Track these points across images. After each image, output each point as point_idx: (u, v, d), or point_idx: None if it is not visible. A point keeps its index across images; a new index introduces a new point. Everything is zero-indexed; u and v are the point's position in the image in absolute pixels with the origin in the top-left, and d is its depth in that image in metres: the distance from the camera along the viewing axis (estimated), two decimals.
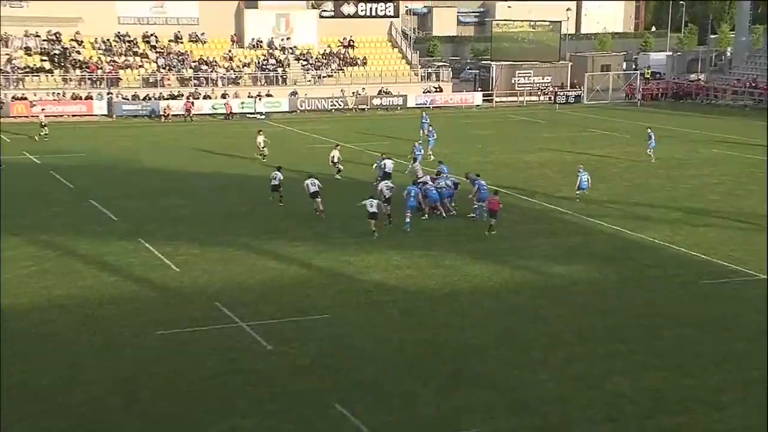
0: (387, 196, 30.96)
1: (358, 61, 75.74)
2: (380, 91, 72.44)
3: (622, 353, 20.11)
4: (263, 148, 44.52)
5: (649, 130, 46.53)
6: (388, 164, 36.16)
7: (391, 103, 71.24)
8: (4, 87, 63.35)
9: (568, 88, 78.43)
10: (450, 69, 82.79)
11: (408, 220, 30.72)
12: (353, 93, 70.97)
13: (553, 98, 76.03)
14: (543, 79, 78.75)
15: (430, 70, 79.73)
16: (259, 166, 42.55)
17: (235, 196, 36.92)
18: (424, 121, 50.83)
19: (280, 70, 72.29)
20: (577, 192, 35.13)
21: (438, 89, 74.74)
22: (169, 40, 72.42)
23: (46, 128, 52.25)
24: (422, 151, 40.80)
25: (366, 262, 27.15)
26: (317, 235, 30.53)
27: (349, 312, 22.78)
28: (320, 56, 75.33)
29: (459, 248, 28.83)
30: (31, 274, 25.50)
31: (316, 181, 32.44)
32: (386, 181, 31.95)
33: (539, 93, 77.45)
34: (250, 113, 65.90)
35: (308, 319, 22.12)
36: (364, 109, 69.73)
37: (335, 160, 39.88)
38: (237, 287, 24.66)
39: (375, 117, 66.67)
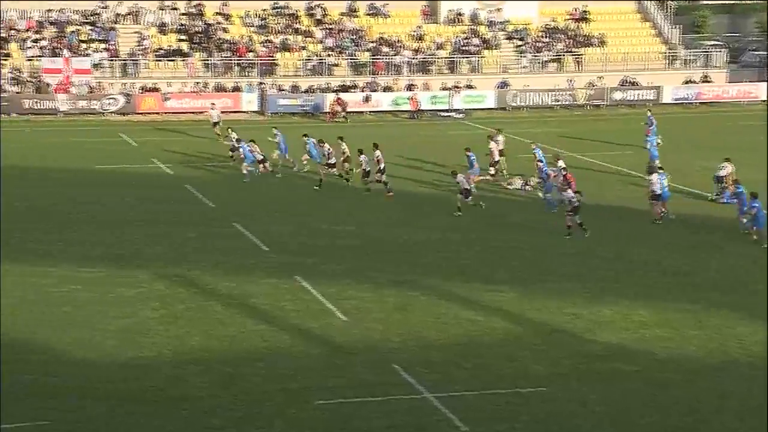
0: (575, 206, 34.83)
1: (594, 41, 75.23)
2: (623, 81, 71.64)
3: None
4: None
5: (649, 113, 52.48)
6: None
7: (638, 98, 70.21)
8: (132, 74, 67.37)
9: None
10: (725, 50, 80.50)
11: None
12: (586, 84, 70.56)
13: None
14: None
15: (695, 52, 78.00)
16: (449, 183, 43.02)
17: (421, 221, 37.58)
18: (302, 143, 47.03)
19: (485, 52, 72.94)
20: None
21: (706, 79, 73.01)
22: (341, 13, 74.63)
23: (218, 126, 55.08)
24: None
25: (599, 317, 26.92)
26: (530, 278, 30.59)
27: (574, 384, 22.63)
28: (541, 34, 75.40)
29: (732, 301, 28.09)
30: (159, 318, 26.91)
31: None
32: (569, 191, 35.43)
33: None
34: (444, 111, 66.76)
35: (517, 393, 22.14)
36: (599, 106, 69.12)
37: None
38: (421, 345, 25.04)
39: (615, 116, 65.94)
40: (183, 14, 72.27)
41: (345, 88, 67.78)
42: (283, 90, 67.52)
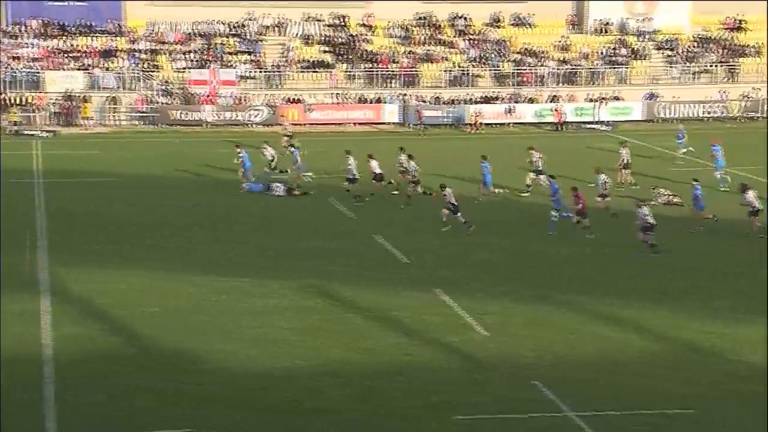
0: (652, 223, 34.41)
1: (750, 51, 73.74)
2: None
3: None
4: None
5: (681, 126, 56.73)
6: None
7: None
8: (276, 86, 68.70)
9: None
10: None
11: None
12: (740, 95, 69.24)
13: None
14: None
15: None
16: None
17: (555, 235, 37.55)
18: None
19: (634, 63, 72.19)
20: None
21: None
22: (485, 24, 74.79)
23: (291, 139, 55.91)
24: None
25: (743, 336, 26.62)
26: (672, 295, 30.40)
27: (721, 406, 22.39)
28: (692, 43, 74.28)
29: None
30: (296, 330, 27.40)
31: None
32: (643, 209, 34.94)
33: None
34: (589, 123, 66.33)
35: (663, 414, 21.96)
36: (753, 118, 67.74)
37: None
38: (560, 361, 25.08)
39: None
40: (327, 26, 73.48)
41: (487, 100, 68.04)
42: (425, 101, 68.01)
